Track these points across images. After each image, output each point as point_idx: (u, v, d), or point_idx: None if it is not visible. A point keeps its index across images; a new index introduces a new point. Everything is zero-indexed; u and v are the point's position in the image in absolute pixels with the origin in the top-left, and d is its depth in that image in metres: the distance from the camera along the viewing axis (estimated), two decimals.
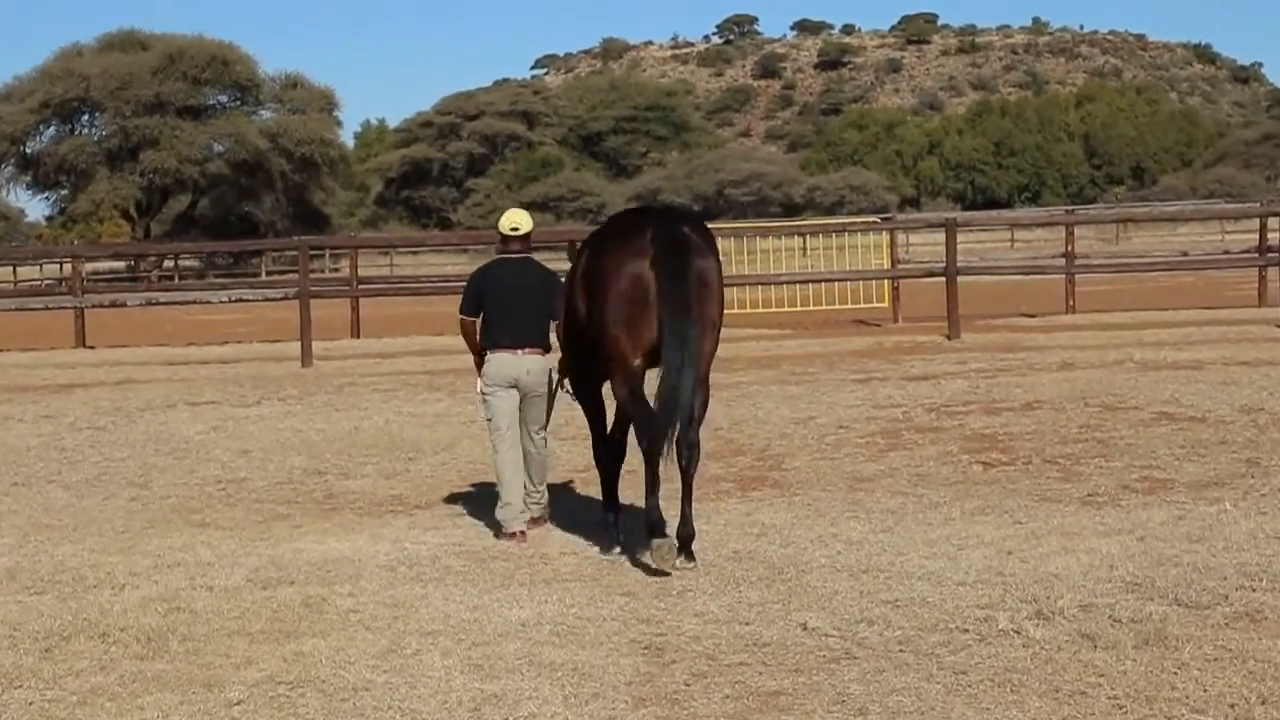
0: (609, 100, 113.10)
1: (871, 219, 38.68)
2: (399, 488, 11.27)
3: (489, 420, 9.45)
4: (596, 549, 8.80)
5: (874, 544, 8.59)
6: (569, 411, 10.63)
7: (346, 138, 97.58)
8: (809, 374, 17.95)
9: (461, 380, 18.54)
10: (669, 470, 8.21)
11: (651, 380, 8.27)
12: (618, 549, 8.71)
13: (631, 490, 10.37)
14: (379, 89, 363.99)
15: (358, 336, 26.45)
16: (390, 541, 9.19)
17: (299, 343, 22.45)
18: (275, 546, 9.13)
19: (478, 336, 9.52)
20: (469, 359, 9.91)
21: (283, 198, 75.09)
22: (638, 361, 8.32)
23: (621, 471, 9.47)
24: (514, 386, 9.36)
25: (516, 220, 9.63)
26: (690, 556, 8.21)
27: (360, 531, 9.57)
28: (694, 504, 8.49)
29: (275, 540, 9.34)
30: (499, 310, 9.39)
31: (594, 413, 9.32)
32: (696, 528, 8.47)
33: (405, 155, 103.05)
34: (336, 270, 61.68)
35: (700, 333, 8.07)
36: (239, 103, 74.96)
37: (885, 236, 29.33)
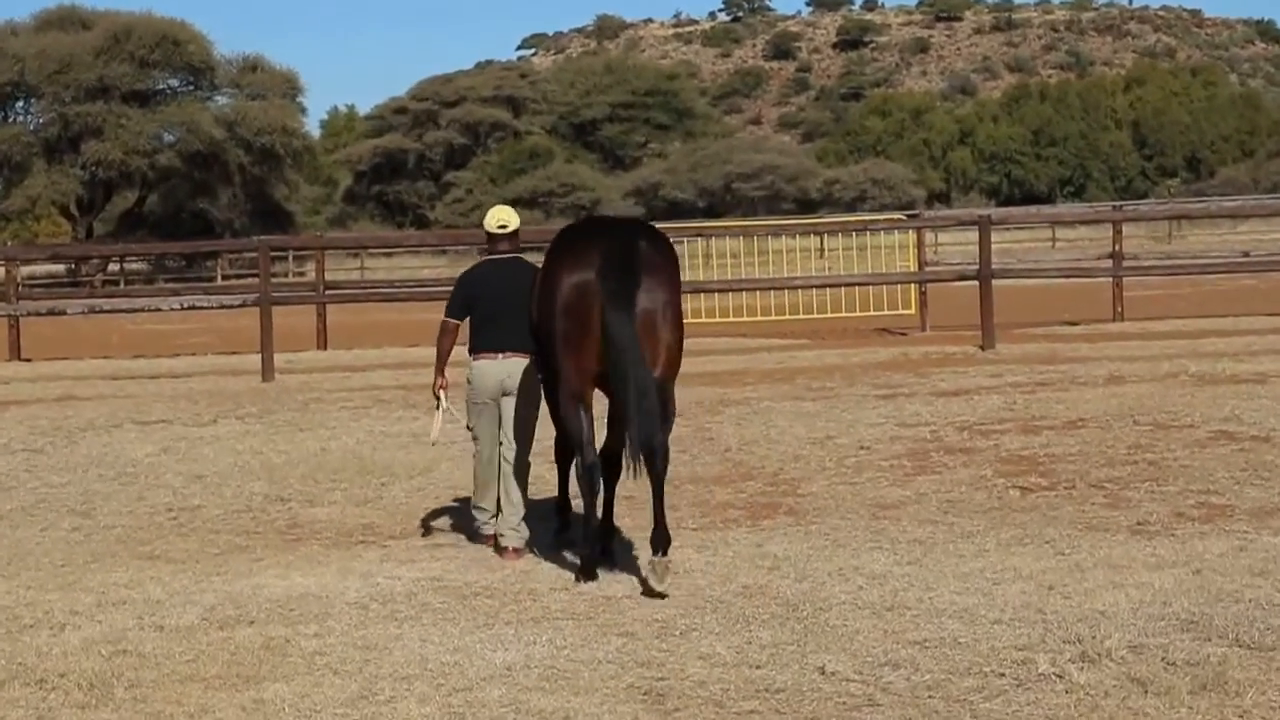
0: (604, 85, 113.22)
1: (896, 216, 38.73)
2: (371, 516, 11.28)
3: (470, 428, 10.04)
4: (590, 582, 8.80)
5: (900, 578, 8.59)
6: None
7: (312, 126, 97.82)
8: (827, 389, 17.96)
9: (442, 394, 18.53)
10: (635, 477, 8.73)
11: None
12: (600, 576, 8.91)
13: (629, 518, 10.36)
14: (347, 72, 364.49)
15: (325, 348, 26.47)
16: (361, 576, 9.20)
17: (259, 355, 22.46)
18: (233, 582, 9.14)
19: (452, 343, 10.00)
20: (447, 372, 9.99)
21: (241, 193, 75.15)
22: (582, 381, 8.94)
23: (616, 492, 9.63)
24: (500, 393, 9.82)
25: (504, 217, 10.11)
26: (663, 574, 8.54)
27: (327, 565, 9.58)
28: (690, 531, 8.49)
29: (233, 575, 9.35)
30: (488, 313, 9.85)
31: (570, 430, 9.23)
32: (702, 558, 8.49)
33: (377, 146, 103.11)
34: (301, 274, 61.70)
35: (651, 356, 8.65)
36: (192, 87, 75.07)
37: (912, 236, 29.37)
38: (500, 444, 9.91)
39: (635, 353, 8.51)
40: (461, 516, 11.01)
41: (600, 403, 9.17)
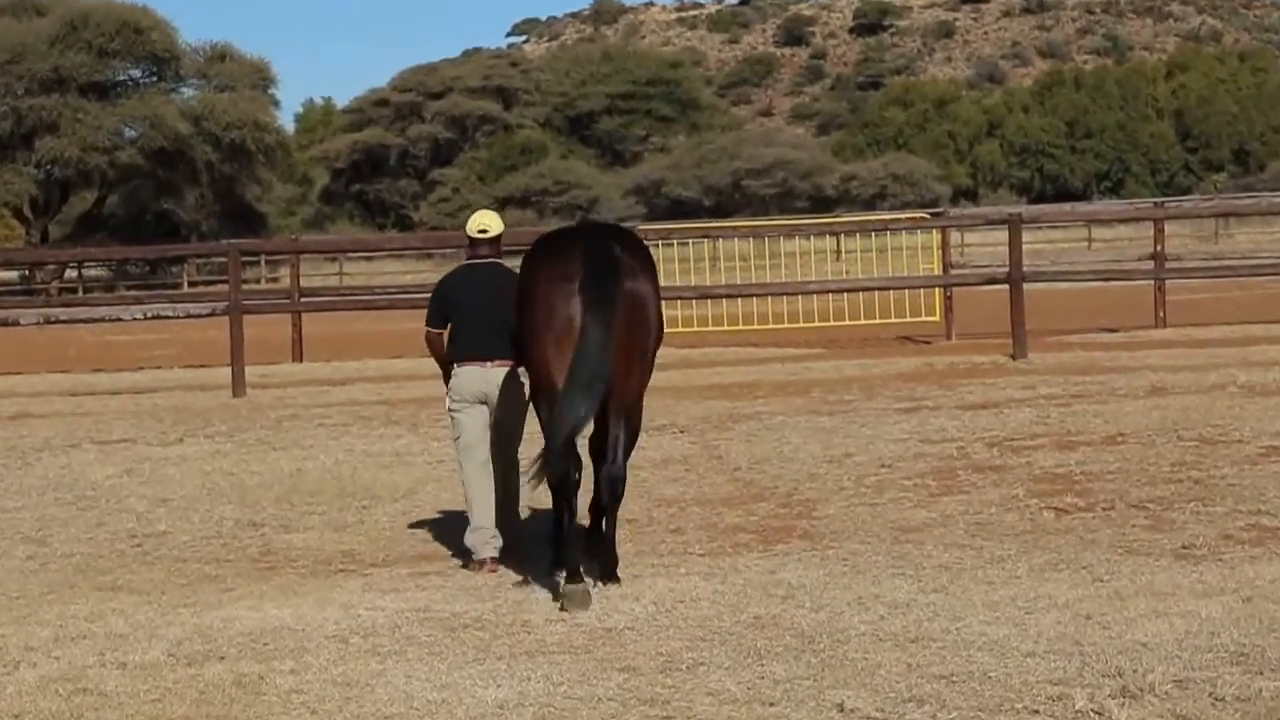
0: (601, 74, 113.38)
1: (919, 215, 38.76)
2: (351, 542, 11.29)
3: (456, 439, 10.52)
4: (588, 613, 8.81)
5: (924, 607, 8.60)
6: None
7: (285, 120, 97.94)
8: (845, 402, 17.98)
9: (426, 411, 18.55)
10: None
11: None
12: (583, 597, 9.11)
13: (631, 543, 10.36)
14: (324, 62, 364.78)
15: (300, 360, 26.49)
16: (340, 607, 9.20)
17: (229, 368, 22.49)
18: (201, 614, 9.14)
19: (445, 349, 10.58)
20: (435, 386, 10.07)
21: (209, 193, 75.20)
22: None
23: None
24: (483, 402, 10.40)
25: (485, 222, 10.77)
26: (614, 579, 9.50)
27: (304, 595, 9.59)
28: (697, 557, 8.48)
29: (201, 606, 9.36)
30: (466, 320, 10.44)
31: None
32: (710, 586, 8.53)
33: (356, 141, 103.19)
34: (274, 280, 61.78)
35: (622, 360, 9.20)
36: (155, 79, 75.10)
37: (936, 236, 29.39)
38: (503, 455, 10.48)
39: (602, 355, 8.99)
40: (450, 540, 11.02)
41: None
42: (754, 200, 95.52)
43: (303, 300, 27.21)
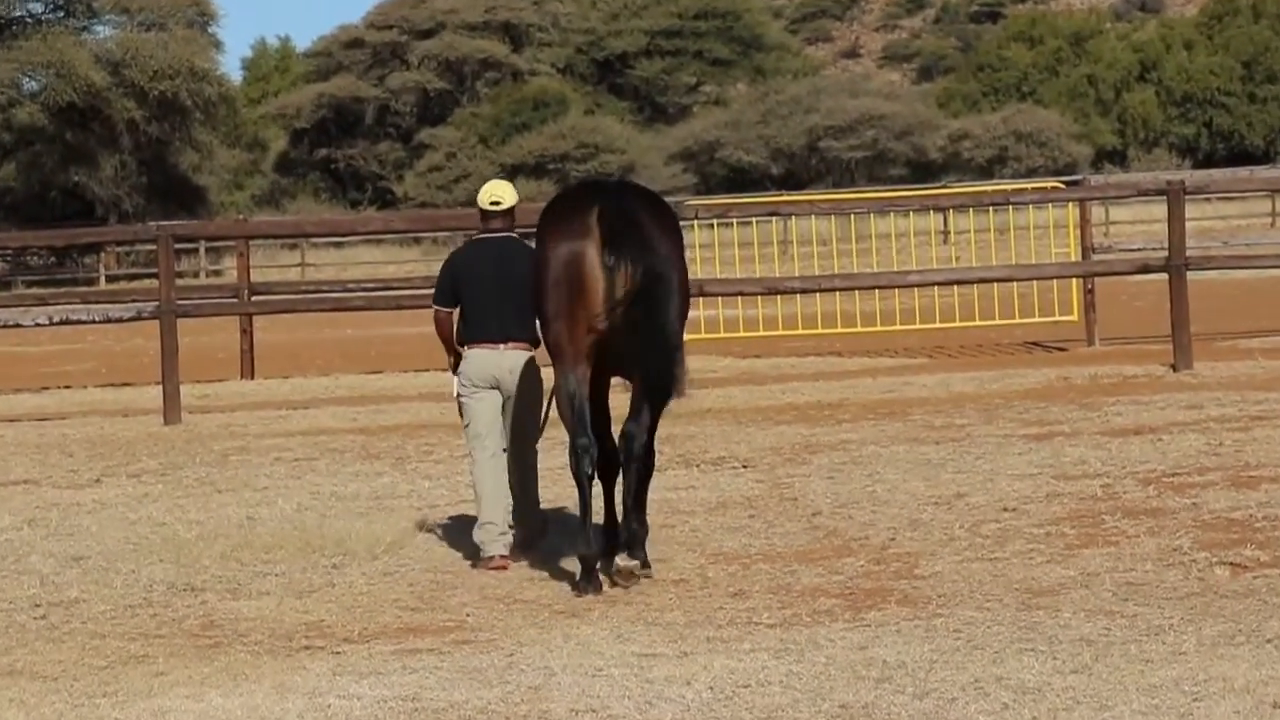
0: (638, 5, 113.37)
1: (1051, 184, 38.70)
2: (317, 610, 11.30)
3: (466, 427, 12.22)
4: (619, 695, 8.80)
5: (1061, 692, 8.58)
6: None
7: (230, 68, 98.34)
8: (955, 427, 17.95)
9: (414, 441, 18.58)
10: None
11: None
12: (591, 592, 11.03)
13: (679, 609, 10.34)
14: None
15: (252, 376, 26.53)
16: (305, 695, 9.22)
17: (159, 387, 22.52)
18: (126, 705, 9.16)
19: (454, 331, 12.25)
20: (424, 409, 10.14)
21: (132, 161, 75.43)
22: (581, 362, 11.36)
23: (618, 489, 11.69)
24: (495, 388, 12.10)
25: (498, 192, 12.35)
26: (645, 564, 11.57)
27: (258, 680, 9.60)
28: (766, 629, 8.47)
29: (125, 696, 9.38)
30: (478, 299, 12.09)
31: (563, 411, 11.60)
32: (782, 666, 8.55)
33: (322, 94, 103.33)
34: (218, 274, 62.01)
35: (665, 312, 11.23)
36: (61, 14, 75.47)
37: (1073, 211, 29.33)
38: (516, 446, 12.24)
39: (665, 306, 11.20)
40: (446, 605, 11.03)
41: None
42: (835, 167, 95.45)
43: (255, 299, 27.27)
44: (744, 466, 16.09)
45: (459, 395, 12.29)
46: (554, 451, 13.63)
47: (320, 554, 12.96)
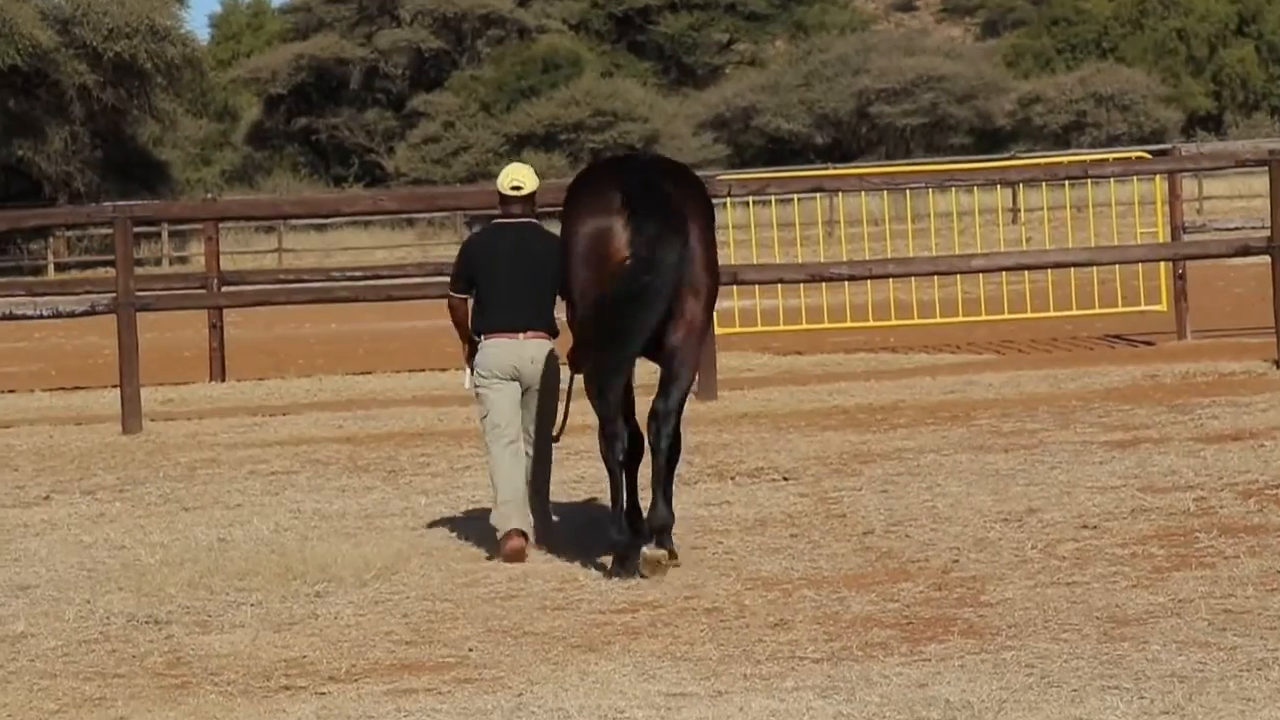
0: None
1: (1136, 153, 38.65)
2: (299, 645, 11.30)
3: (484, 418, 13.37)
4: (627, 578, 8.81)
5: None
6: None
7: (197, 25, 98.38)
8: (1027, 433, 17.93)
9: (408, 451, 18.59)
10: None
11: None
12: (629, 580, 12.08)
13: (713, 643, 10.37)
14: None
15: (223, 378, 26.50)
16: None
17: (116, 391, 22.54)
18: None
19: (469, 319, 13.46)
20: (415, 414, 10.18)
21: (84, 132, 75.45)
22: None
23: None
24: (514, 378, 13.25)
25: (519, 177, 13.56)
26: (673, 554, 12.54)
27: None
28: (811, 664, 8.49)
29: None
30: (495, 286, 13.25)
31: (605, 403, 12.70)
32: (830, 707, 8.53)
33: (301, 55, 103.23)
34: (183, 261, 62.04)
35: (679, 309, 12.39)
36: None
37: (1161, 185, 29.27)
38: (533, 439, 13.49)
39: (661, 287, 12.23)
40: (445, 637, 11.04)
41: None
42: (889, 135, 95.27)
43: (225, 290, 27.26)
44: (785, 479, 16.08)
45: (475, 387, 13.36)
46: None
47: (302, 581, 12.97)
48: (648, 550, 12.38)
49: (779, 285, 26.81)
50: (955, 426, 18.67)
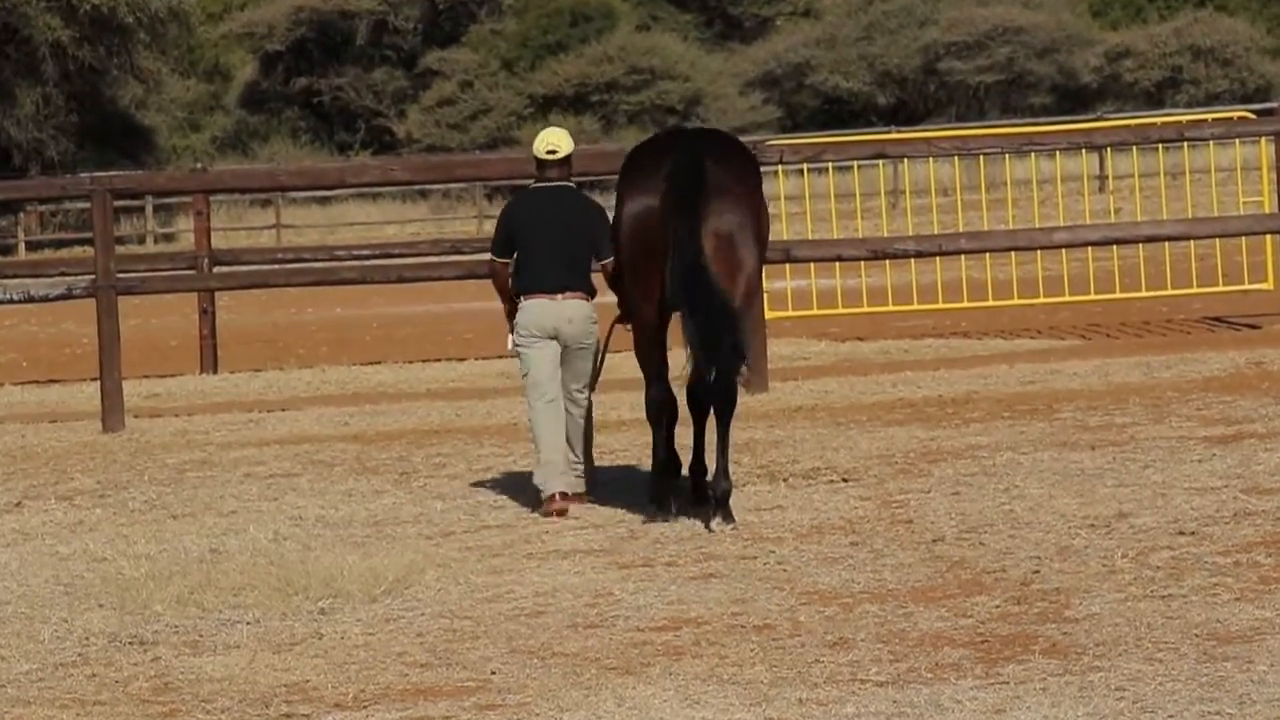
0: None
1: (1239, 113, 38.57)
2: (301, 668, 11.33)
3: (525, 376, 15.29)
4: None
5: None
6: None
7: None
8: (1116, 428, 17.93)
9: (423, 451, 18.61)
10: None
11: None
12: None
13: (763, 664, 10.36)
14: None
15: (214, 370, 26.58)
16: None
17: (96, 385, 22.59)
18: None
19: (509, 281, 15.37)
20: (430, 409, 10.18)
21: (58, 94, 75.61)
22: (654, 312, 14.65)
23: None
24: (553, 337, 15.11)
25: (554, 141, 15.39)
26: (729, 517, 14.16)
27: None
28: (874, 687, 8.50)
29: None
30: (534, 249, 15.17)
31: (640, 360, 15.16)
32: None
33: (301, 8, 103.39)
34: (170, 238, 62.18)
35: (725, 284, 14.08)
36: None
37: (1267, 149, 29.21)
38: (573, 394, 15.39)
39: (704, 275, 13.92)
40: (464, 658, 11.06)
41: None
42: (960, 95, 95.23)
43: (217, 271, 27.34)
44: (844, 480, 16.09)
45: (516, 346, 15.30)
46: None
47: (304, 596, 13.00)
48: (715, 525, 14.22)
49: (837, 263, 26.80)
50: (1035, 421, 18.67)
